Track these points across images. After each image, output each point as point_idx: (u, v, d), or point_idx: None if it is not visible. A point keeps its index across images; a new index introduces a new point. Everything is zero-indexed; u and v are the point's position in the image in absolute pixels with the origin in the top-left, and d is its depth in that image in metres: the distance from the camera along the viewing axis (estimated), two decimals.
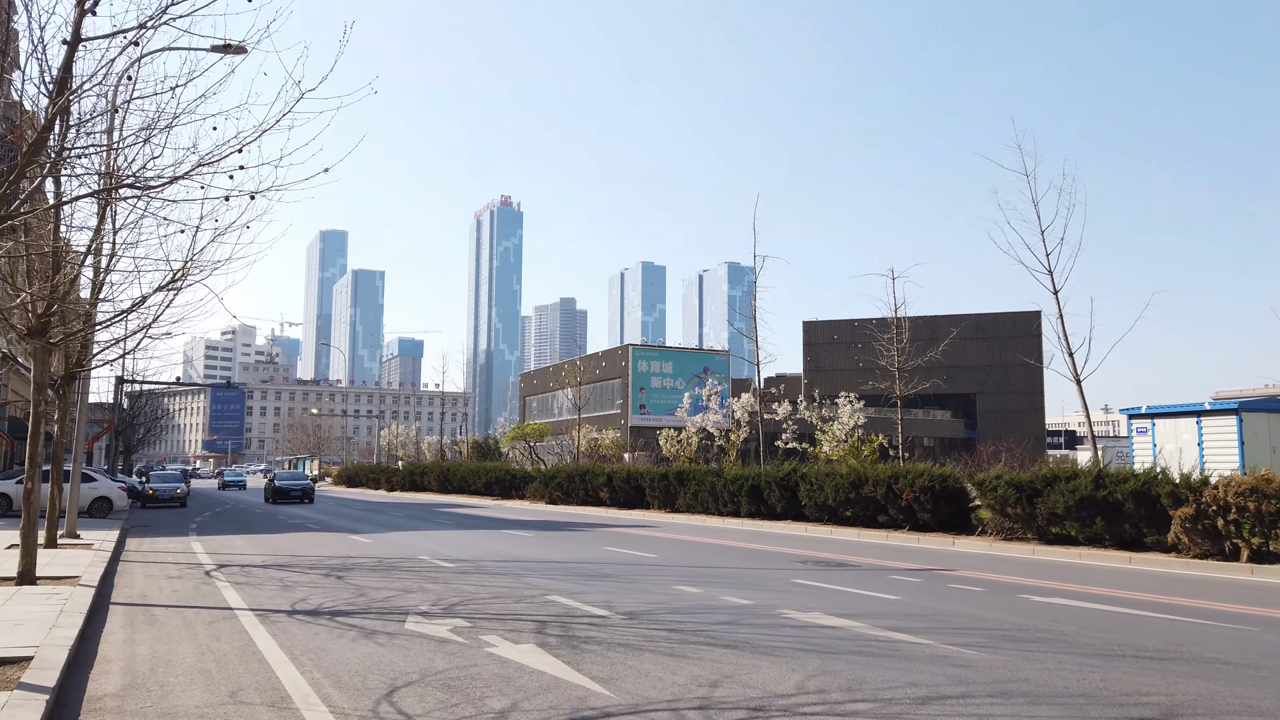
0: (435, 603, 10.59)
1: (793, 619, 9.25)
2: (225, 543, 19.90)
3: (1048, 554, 16.90)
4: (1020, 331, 79.97)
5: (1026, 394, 79.25)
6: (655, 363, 77.61)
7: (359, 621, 9.37)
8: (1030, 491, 18.13)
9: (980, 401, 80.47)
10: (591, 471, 36.43)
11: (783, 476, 25.55)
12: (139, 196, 8.72)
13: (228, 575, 13.57)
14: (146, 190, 8.37)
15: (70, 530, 18.53)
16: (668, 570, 14.01)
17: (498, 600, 10.81)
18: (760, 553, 17.13)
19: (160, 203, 10.15)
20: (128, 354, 16.12)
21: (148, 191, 8.41)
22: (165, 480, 39.73)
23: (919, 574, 13.61)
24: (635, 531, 22.95)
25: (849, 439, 32.78)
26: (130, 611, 10.27)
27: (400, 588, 11.99)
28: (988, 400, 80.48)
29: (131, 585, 12.60)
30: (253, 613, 9.99)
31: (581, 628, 8.81)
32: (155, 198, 8.66)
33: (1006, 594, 11.43)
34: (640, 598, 10.85)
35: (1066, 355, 20.51)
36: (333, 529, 24.14)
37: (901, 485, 21.23)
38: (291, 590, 11.81)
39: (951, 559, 16.22)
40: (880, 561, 15.52)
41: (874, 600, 10.68)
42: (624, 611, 9.76)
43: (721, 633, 8.47)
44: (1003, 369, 77.86)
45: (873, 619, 9.25)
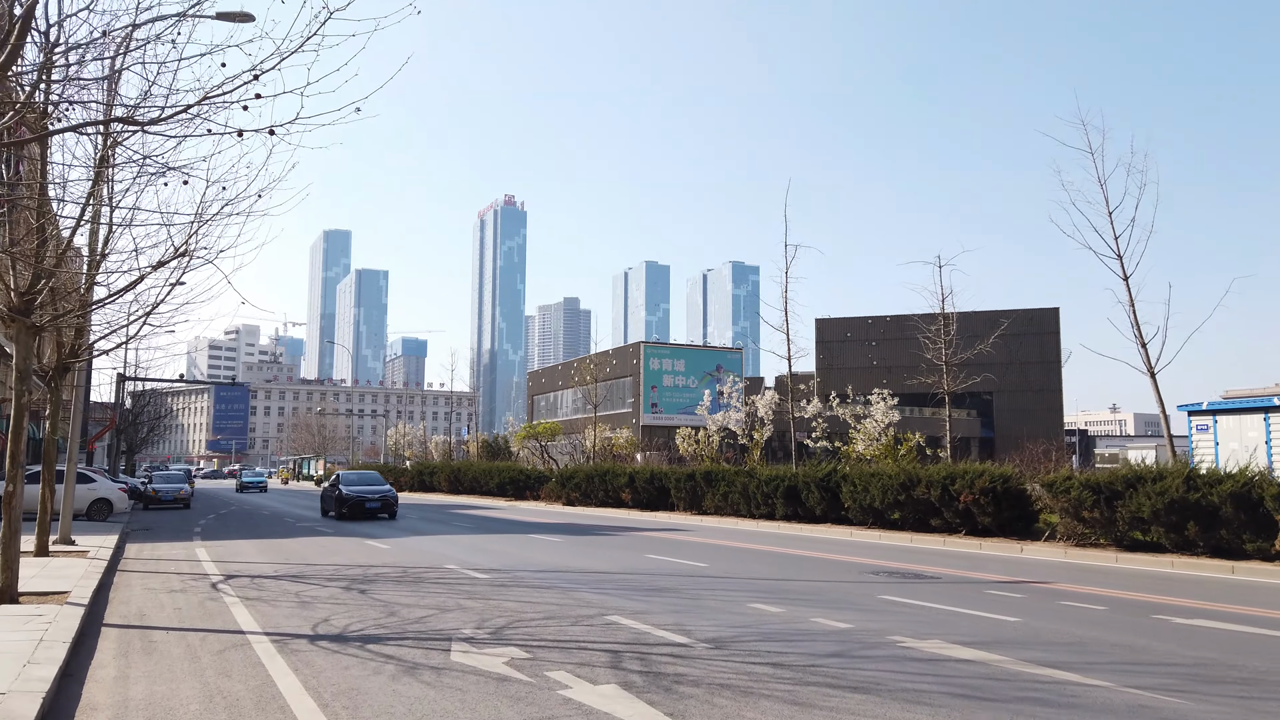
0: (479, 624, 9.11)
1: (913, 649, 7.75)
2: (232, 549, 18.44)
3: (1133, 562, 15.39)
4: (1038, 329, 78.36)
5: (1044, 393, 77.60)
6: (667, 360, 76.01)
7: (395, 650, 7.89)
8: (1110, 494, 16.60)
9: (997, 400, 78.85)
10: (612, 472, 34.93)
11: (822, 477, 24.04)
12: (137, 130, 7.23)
13: (237, 588, 12.10)
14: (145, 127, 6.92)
15: (64, 536, 17.08)
16: (728, 583, 12.51)
17: (551, 622, 9.32)
18: (819, 561, 15.63)
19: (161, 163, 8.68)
20: (129, 342, 14.60)
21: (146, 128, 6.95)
22: (168, 481, 38.29)
23: (1014, 588, 12.09)
24: (669, 536, 21.46)
25: (883, 437, 31.26)
26: (125, 636, 8.79)
27: (434, 605, 10.50)
28: (1004, 399, 78.83)
29: (128, 601, 11.12)
30: (268, 638, 8.51)
31: (664, 660, 7.32)
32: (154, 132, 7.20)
33: (1135, 613, 9.93)
34: (716, 619, 9.35)
35: (1140, 347, 19.01)
36: (347, 533, 22.67)
37: (959, 486, 19.71)
38: (311, 608, 10.33)
39: (1032, 569, 14.70)
40: (958, 572, 14.01)
41: (991, 623, 9.17)
42: (706, 638, 8.27)
43: (839, 669, 6.98)
44: (1020, 367, 76.21)
45: (1009, 649, 7.75)
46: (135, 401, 60.41)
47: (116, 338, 14.81)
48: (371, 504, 27.94)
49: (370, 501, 27.96)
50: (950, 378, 24.67)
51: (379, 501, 28.12)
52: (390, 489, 29.15)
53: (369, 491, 28.37)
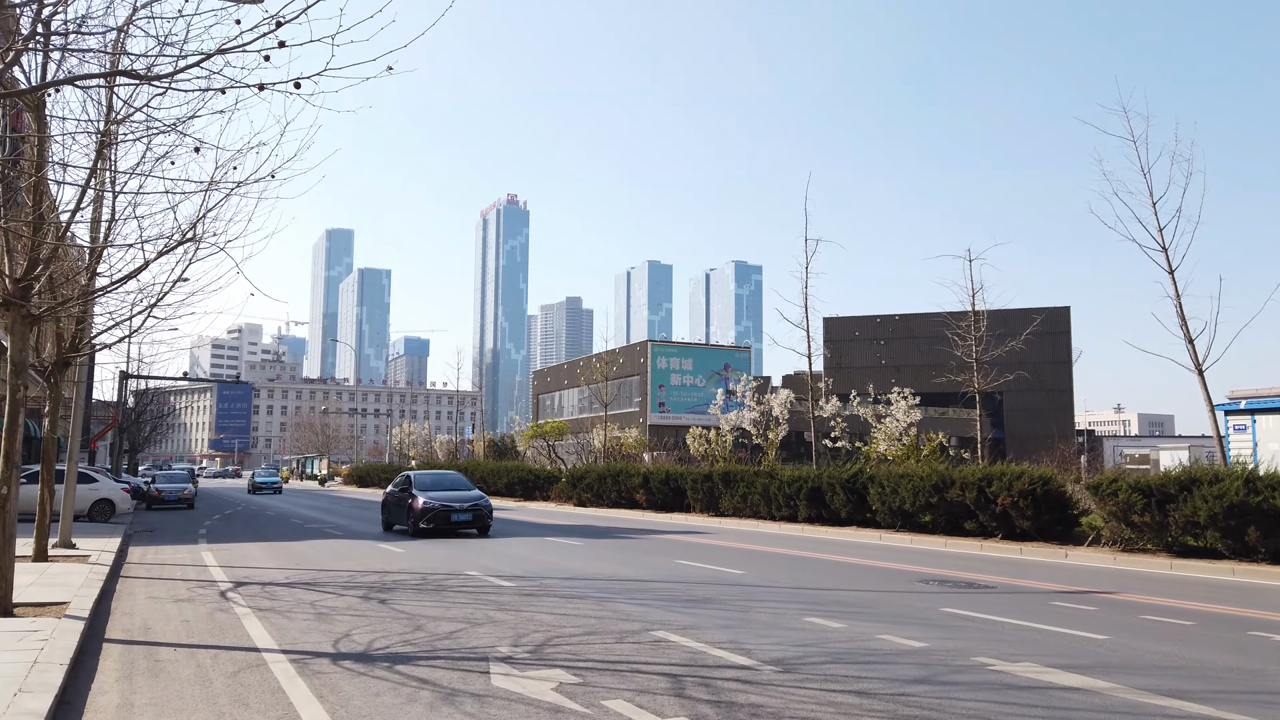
0: (516, 641, 8.32)
1: (1007, 674, 6.95)
2: (240, 552, 17.67)
3: (1189, 569, 14.59)
4: (1049, 328, 77.69)
5: (1055, 392, 76.75)
6: (674, 359, 75.12)
7: (428, 672, 7.10)
8: (1162, 497, 15.79)
9: (1007, 400, 78.03)
10: (625, 472, 34.13)
11: (848, 478, 23.23)
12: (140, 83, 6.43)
13: (247, 597, 11.32)
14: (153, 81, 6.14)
15: (64, 539, 16.31)
16: (773, 593, 11.71)
17: (594, 638, 8.53)
18: (860, 568, 14.83)
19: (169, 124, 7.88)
20: (131, 336, 13.81)
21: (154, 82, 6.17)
22: (171, 481, 37.55)
23: (1080, 599, 11.29)
24: (692, 539, 20.66)
25: (904, 437, 30.45)
26: (129, 654, 8.01)
27: (462, 617, 9.71)
28: (1015, 398, 77.97)
29: (132, 612, 10.34)
30: (286, 657, 7.73)
31: (733, 688, 6.53)
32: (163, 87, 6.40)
33: (1229, 630, 9.14)
34: (773, 636, 8.56)
35: (1186, 342, 18.17)
36: (356, 535, 21.90)
37: (996, 488, 18.89)
38: (329, 621, 9.54)
39: (1086, 576, 13.90)
40: (1009, 580, 13.21)
41: (1078, 641, 8.37)
42: (770, 659, 7.47)
43: (935, 700, 6.18)
44: (1031, 366, 75.41)
45: (1114, 674, 6.95)
46: (138, 400, 59.67)
47: (119, 331, 14.01)
48: (459, 516, 21.03)
49: (458, 513, 21.06)
50: (980, 375, 23.83)
51: (469, 513, 21.13)
52: (482, 496, 22.08)
53: (455, 500, 21.50)
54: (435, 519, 21.02)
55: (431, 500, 21.27)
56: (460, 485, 23.04)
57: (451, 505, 21.21)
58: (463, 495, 21.88)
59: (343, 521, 27.38)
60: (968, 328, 24.26)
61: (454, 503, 21.34)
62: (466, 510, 21.19)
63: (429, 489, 22.12)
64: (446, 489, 22.39)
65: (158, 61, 6.15)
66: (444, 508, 21.12)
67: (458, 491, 22.25)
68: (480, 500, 21.72)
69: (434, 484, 22.80)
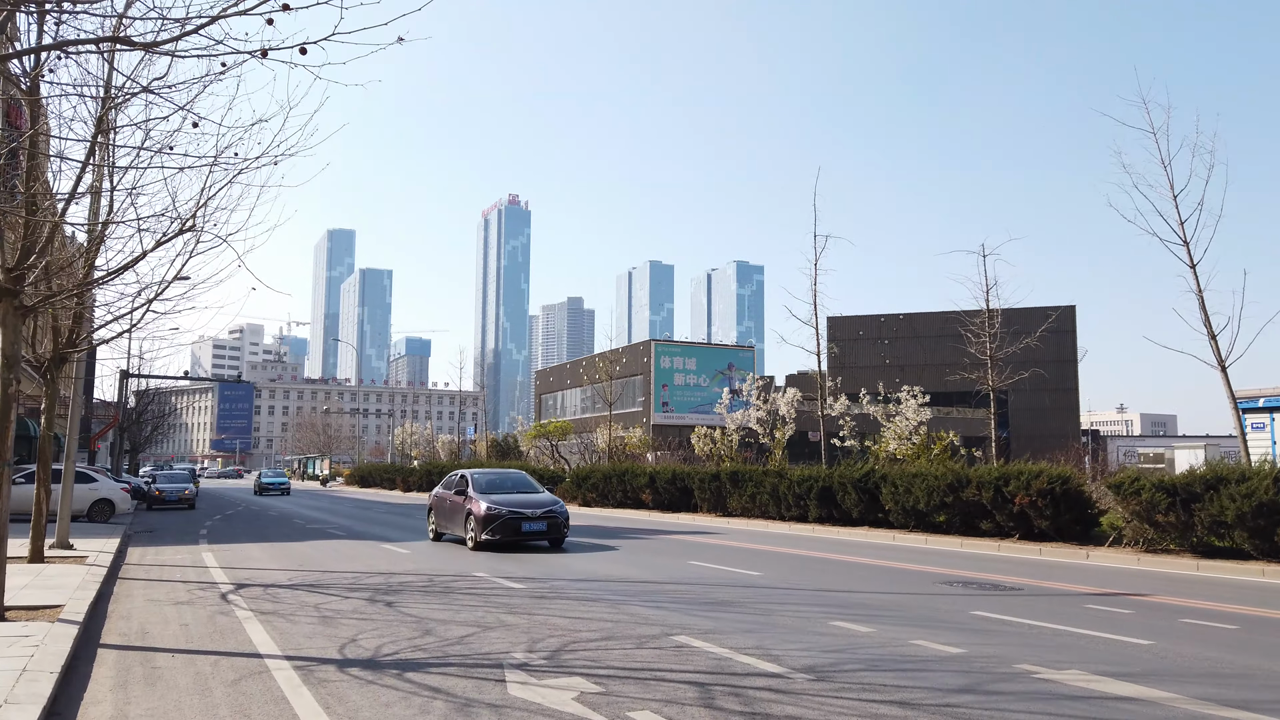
0: (530, 647, 7.93)
1: (1055, 683, 6.55)
2: (241, 553, 17.28)
3: (1217, 570, 14.19)
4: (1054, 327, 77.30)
5: (1060, 392, 76.32)
6: (678, 359, 74.69)
7: (440, 681, 6.70)
8: (1187, 496, 15.39)
9: (1012, 399, 77.57)
10: (631, 471, 33.76)
11: (860, 478, 22.83)
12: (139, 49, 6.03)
13: (249, 600, 10.93)
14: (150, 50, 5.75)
15: (61, 540, 15.92)
16: (794, 595, 11.32)
17: (611, 643, 8.13)
18: (879, 569, 14.43)
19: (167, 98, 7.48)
20: (131, 331, 13.42)
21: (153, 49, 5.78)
22: (172, 480, 37.17)
23: (1113, 601, 10.89)
24: (702, 539, 20.26)
25: (914, 436, 30.04)
26: (124, 660, 7.62)
27: (472, 621, 9.32)
28: (1020, 398, 77.49)
29: (129, 615, 9.95)
30: (290, 663, 7.34)
31: (766, 698, 6.13)
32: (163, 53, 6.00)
33: (1274, 633, 8.74)
34: (801, 641, 8.16)
35: (1209, 339, 17.75)
36: (360, 535, 21.51)
37: (1014, 488, 18.48)
38: (334, 625, 9.15)
39: (1114, 578, 13.49)
40: (1036, 581, 12.81)
41: (1121, 647, 7.97)
42: (801, 667, 7.07)
43: (982, 711, 5.78)
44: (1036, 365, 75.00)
45: (1168, 682, 6.55)
46: (139, 400, 59.33)
47: (118, 326, 13.62)
48: (532, 525, 17.13)
49: (529, 521, 17.14)
50: (995, 373, 23.42)
51: (543, 521, 17.26)
52: (557, 502, 18.08)
53: (525, 505, 17.46)
54: (502, 529, 16.99)
55: (497, 506, 17.27)
56: (526, 486, 19.10)
57: (522, 512, 17.17)
58: (533, 500, 17.89)
59: (345, 522, 27.01)
60: (981, 325, 23.85)
61: (524, 509, 17.29)
62: (540, 518, 17.20)
63: (490, 491, 18.23)
64: (512, 491, 18.54)
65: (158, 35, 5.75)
66: (513, 515, 17.11)
67: (525, 494, 18.37)
68: (555, 506, 17.67)
69: (496, 485, 18.80)
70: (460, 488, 18.81)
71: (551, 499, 18.14)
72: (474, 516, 17.45)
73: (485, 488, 18.44)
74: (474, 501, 17.76)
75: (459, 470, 19.86)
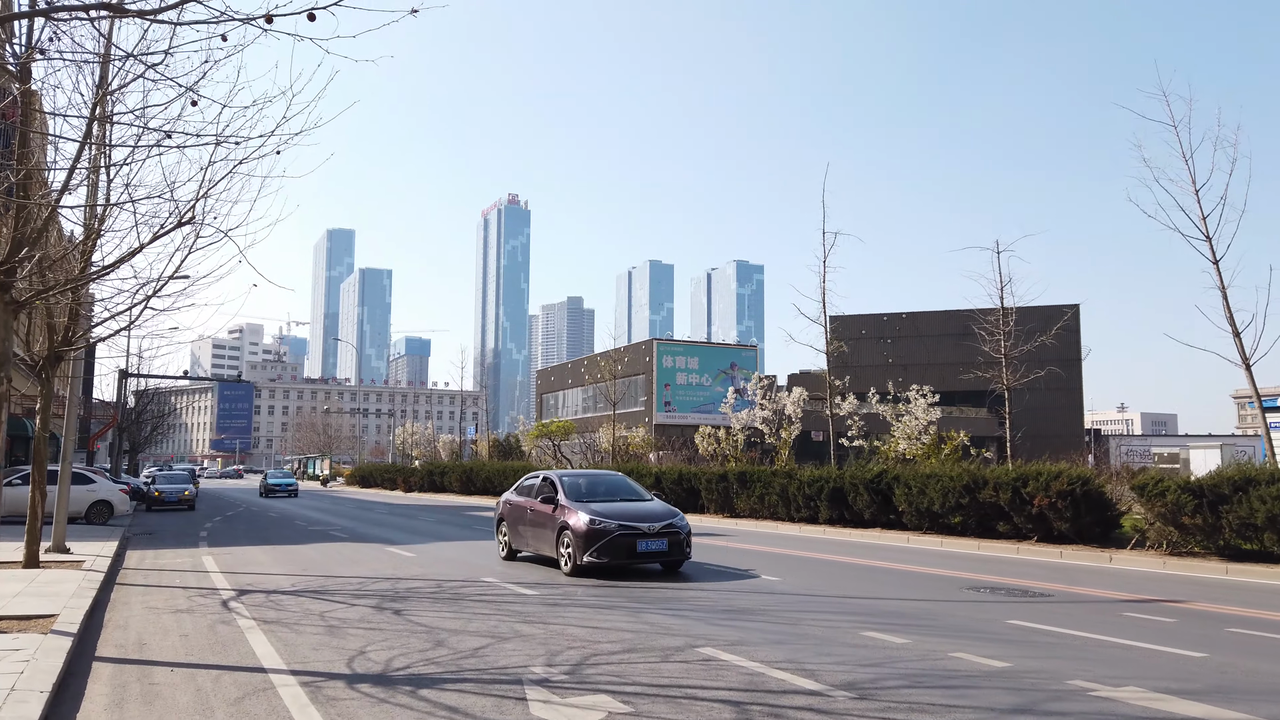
0: (550, 660, 7.51)
1: (1116, 702, 6.12)
2: (242, 556, 16.85)
3: (1247, 574, 13.77)
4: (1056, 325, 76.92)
5: (1063, 391, 75.92)
6: (680, 358, 74.26)
7: (456, 699, 6.28)
8: (1215, 498, 14.98)
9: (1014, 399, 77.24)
10: (637, 471, 33.32)
11: (872, 478, 22.42)
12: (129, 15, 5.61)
13: (251, 608, 10.51)
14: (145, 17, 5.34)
15: (58, 543, 15.51)
16: (818, 602, 10.90)
17: (635, 656, 7.71)
18: (900, 573, 14.01)
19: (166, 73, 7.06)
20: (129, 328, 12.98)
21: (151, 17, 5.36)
22: (171, 481, 36.75)
23: (1152, 609, 10.47)
24: (712, 541, 19.84)
25: (923, 436, 29.62)
26: (121, 676, 7.20)
27: (486, 631, 8.90)
28: (1024, 397, 77.17)
29: (126, 625, 9.53)
30: (296, 679, 6.91)
31: (808, 719, 5.72)
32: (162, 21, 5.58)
33: None
34: (835, 654, 7.74)
35: (1234, 337, 17.36)
36: (363, 538, 21.08)
37: (1033, 489, 18.07)
38: (341, 635, 8.72)
39: (1144, 583, 13.09)
40: (1066, 587, 12.39)
41: (1175, 660, 7.56)
42: (841, 683, 6.65)
43: None
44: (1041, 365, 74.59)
45: (1237, 701, 6.13)
46: (138, 400, 58.91)
47: (115, 324, 13.19)
48: (650, 544, 13.26)
49: (646, 538, 13.27)
50: (1010, 372, 23.02)
51: (663, 538, 13.37)
52: (676, 513, 13.99)
53: (638, 518, 13.51)
54: (611, 549, 13.08)
55: (603, 519, 13.35)
56: (629, 492, 15.14)
57: (635, 527, 13.23)
58: (644, 510, 13.91)
59: (347, 524, 26.58)
60: (995, 322, 23.46)
61: (637, 522, 13.33)
62: (659, 534, 13.25)
63: (588, 498, 14.35)
64: (613, 498, 14.58)
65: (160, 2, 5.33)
66: (625, 531, 13.16)
67: (632, 503, 14.39)
68: (675, 519, 13.66)
69: (594, 490, 14.88)
70: (547, 494, 14.79)
71: (667, 508, 14.13)
72: (571, 532, 13.46)
73: (582, 494, 14.53)
74: (569, 512, 13.80)
75: (539, 472, 16.16)
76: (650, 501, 14.71)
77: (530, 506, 15.21)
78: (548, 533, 14.42)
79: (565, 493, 14.52)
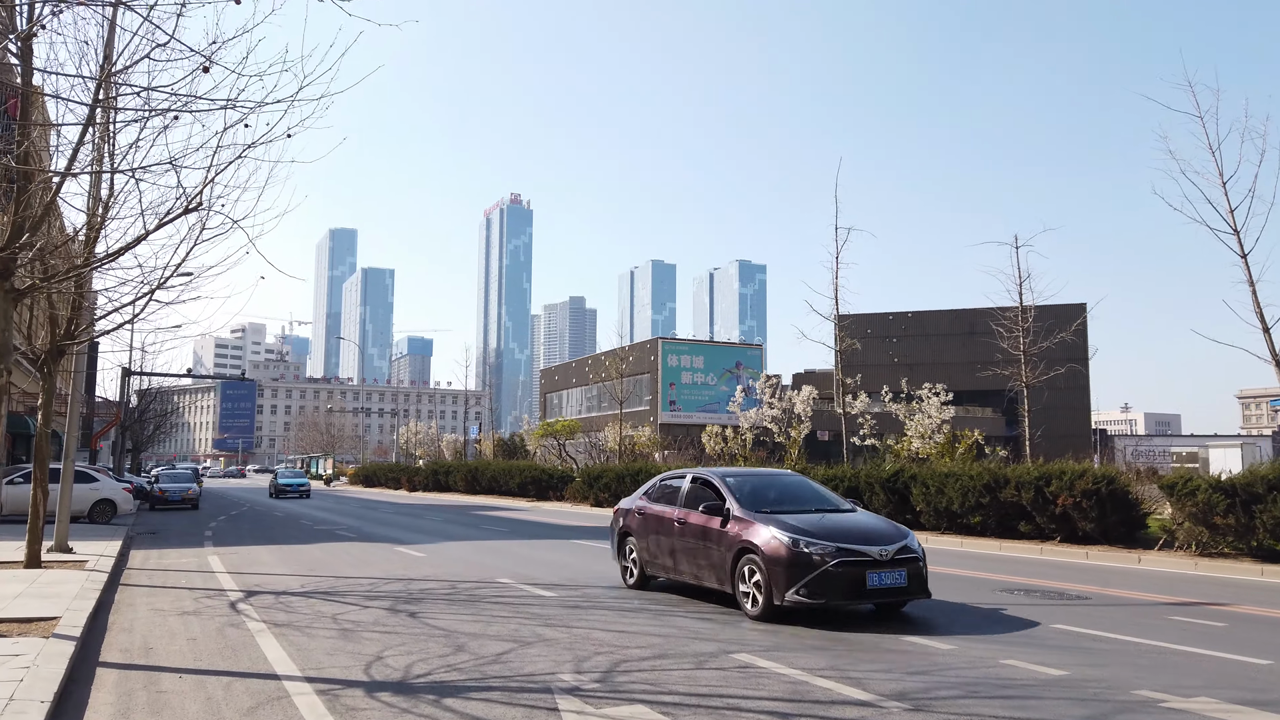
0: (578, 666, 7.12)
1: (1191, 713, 5.73)
2: (248, 556, 16.48)
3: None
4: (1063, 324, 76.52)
5: (1071, 391, 75.51)
6: (685, 357, 73.89)
7: (484, 709, 5.89)
8: (1248, 497, 14.58)
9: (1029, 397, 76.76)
10: (646, 471, 32.90)
11: (888, 477, 22.02)
12: None
13: (261, 610, 10.12)
14: None
15: (60, 543, 15.12)
16: None
17: (667, 662, 7.32)
18: None
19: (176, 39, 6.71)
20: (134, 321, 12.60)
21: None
22: (175, 480, 36.42)
23: (1196, 612, 10.06)
24: None
25: (936, 435, 29.22)
26: (126, 683, 6.81)
27: (507, 635, 8.51)
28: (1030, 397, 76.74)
29: (131, 628, 9.15)
30: (311, 686, 6.53)
31: None
32: None
33: None
34: (878, 660, 7.34)
35: (1264, 333, 16.91)
36: (370, 537, 20.71)
37: (1056, 488, 17.65)
38: (356, 640, 8.34)
39: (1179, 584, 12.68)
40: (1101, 589, 11.98)
41: (1237, 667, 7.16)
42: (891, 692, 6.26)
43: None
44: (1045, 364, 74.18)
45: None
46: (141, 398, 58.59)
47: (119, 317, 12.79)
48: (884, 578, 9.24)
49: (879, 569, 9.27)
50: (1029, 370, 22.62)
51: (900, 569, 9.39)
52: (907, 534, 10.02)
53: (858, 537, 9.60)
54: (830, 584, 9.08)
55: (812, 540, 9.34)
56: (824, 500, 10.95)
57: (861, 553, 9.27)
58: (865, 527, 9.92)
59: (354, 523, 26.21)
60: (1013, 319, 23.07)
61: (863, 546, 9.37)
62: (893, 563, 9.36)
63: (774, 509, 10.27)
64: (805, 507, 10.48)
65: None
66: (848, 559, 9.20)
67: (838, 516, 10.26)
68: (909, 541, 9.74)
69: (777, 496, 10.80)
70: (708, 501, 10.68)
71: (891, 524, 10.19)
72: (762, 558, 9.39)
73: (761, 501, 10.39)
74: (750, 527, 9.78)
75: (683, 470, 12.00)
76: (855, 513, 10.51)
77: (678, 517, 11.03)
78: (713, 556, 10.26)
79: (736, 499, 10.28)
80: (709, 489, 11.00)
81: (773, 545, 9.39)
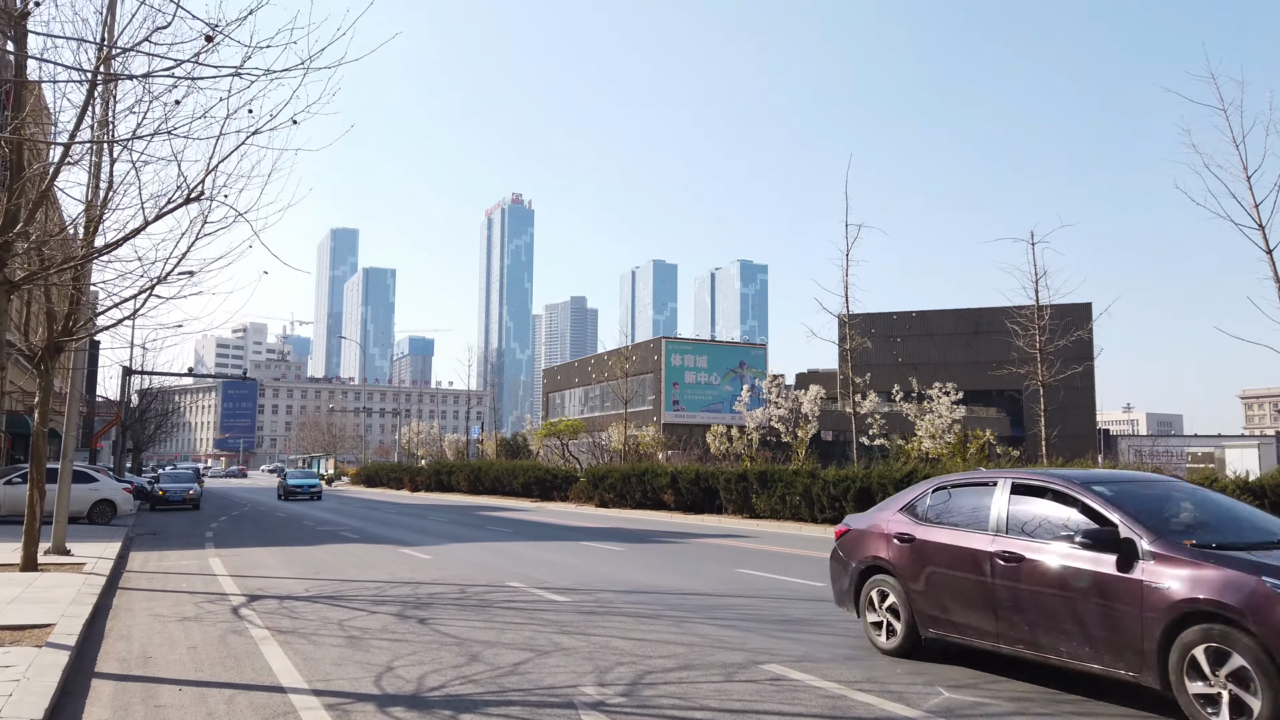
0: (600, 678, 6.74)
1: None
2: (250, 559, 16.10)
3: None
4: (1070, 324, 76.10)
5: (1076, 390, 75.06)
6: (689, 357, 73.45)
7: None
8: (1277, 499, 14.22)
9: (1027, 398, 76.35)
10: (652, 471, 32.58)
11: (903, 478, 21.67)
12: None
13: (264, 615, 9.75)
14: None
15: (58, 544, 14.75)
16: None
17: (693, 674, 6.94)
18: None
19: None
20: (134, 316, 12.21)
21: None
22: (176, 480, 36.05)
23: None
24: (737, 544, 19.09)
25: (947, 435, 28.83)
26: (123, 695, 6.43)
27: (521, 642, 8.13)
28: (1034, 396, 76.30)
29: (130, 635, 8.77)
30: (319, 700, 6.15)
31: None
32: None
33: None
34: (917, 672, 6.96)
35: None
36: (375, 539, 20.33)
37: None
38: (364, 648, 7.96)
39: None
40: None
41: None
42: (937, 708, 5.88)
43: None
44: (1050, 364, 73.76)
45: None
46: (141, 398, 58.23)
47: (119, 312, 12.41)
48: None
49: None
50: (1046, 368, 22.26)
51: None
52: None
53: None
54: None
55: None
56: (1252, 520, 6.69)
57: None
58: None
59: (357, 524, 25.85)
60: (1029, 317, 22.70)
61: None
62: None
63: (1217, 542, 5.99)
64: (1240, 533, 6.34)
65: None
66: None
67: None
68: None
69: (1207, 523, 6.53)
70: (1067, 522, 6.56)
71: None
72: (1247, 634, 5.25)
73: (1181, 527, 6.38)
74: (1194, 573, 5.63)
75: (988, 474, 7.66)
76: None
77: (999, 551, 6.82)
78: (1106, 622, 6.02)
79: (1141, 521, 6.16)
80: (1065, 502, 6.66)
81: (1268, 607, 5.18)
